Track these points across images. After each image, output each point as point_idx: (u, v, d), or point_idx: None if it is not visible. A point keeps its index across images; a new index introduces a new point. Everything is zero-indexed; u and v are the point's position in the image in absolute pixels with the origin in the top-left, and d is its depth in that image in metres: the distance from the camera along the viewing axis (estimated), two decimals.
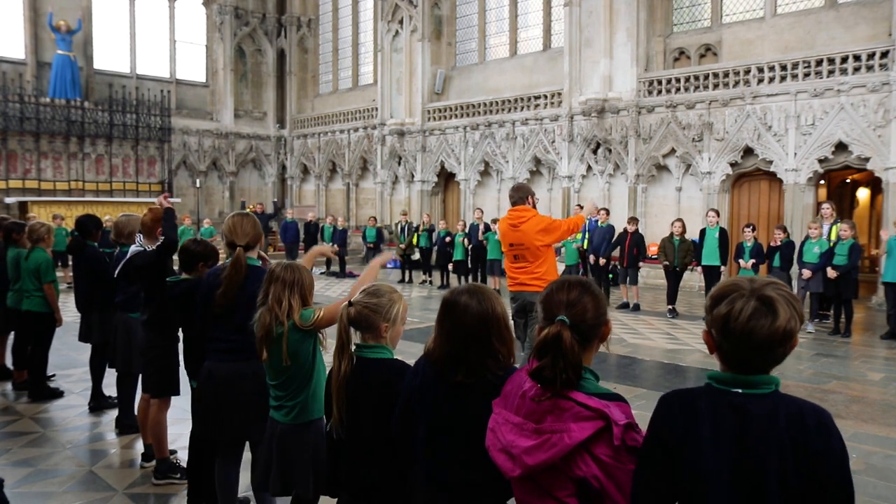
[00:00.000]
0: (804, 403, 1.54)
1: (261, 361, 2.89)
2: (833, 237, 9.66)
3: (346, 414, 2.27)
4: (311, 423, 2.91)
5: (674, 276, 11.01)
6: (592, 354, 1.77)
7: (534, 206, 5.65)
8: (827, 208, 10.32)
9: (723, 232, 10.76)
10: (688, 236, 11.09)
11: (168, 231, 4.16)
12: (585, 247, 12.59)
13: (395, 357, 2.36)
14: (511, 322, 2.10)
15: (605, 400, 1.62)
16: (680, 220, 11.22)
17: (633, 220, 12.12)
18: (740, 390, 1.52)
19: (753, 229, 10.43)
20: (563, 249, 12.57)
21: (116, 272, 4.74)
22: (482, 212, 15.11)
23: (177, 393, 4.32)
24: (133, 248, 4.56)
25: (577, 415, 1.60)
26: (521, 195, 5.63)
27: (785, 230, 10.26)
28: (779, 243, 10.03)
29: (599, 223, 12.38)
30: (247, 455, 3.51)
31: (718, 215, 11.17)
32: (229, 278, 3.23)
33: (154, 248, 4.28)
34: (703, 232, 10.91)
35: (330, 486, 2.46)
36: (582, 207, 14.54)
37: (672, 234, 11.00)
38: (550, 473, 1.63)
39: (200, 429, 3.46)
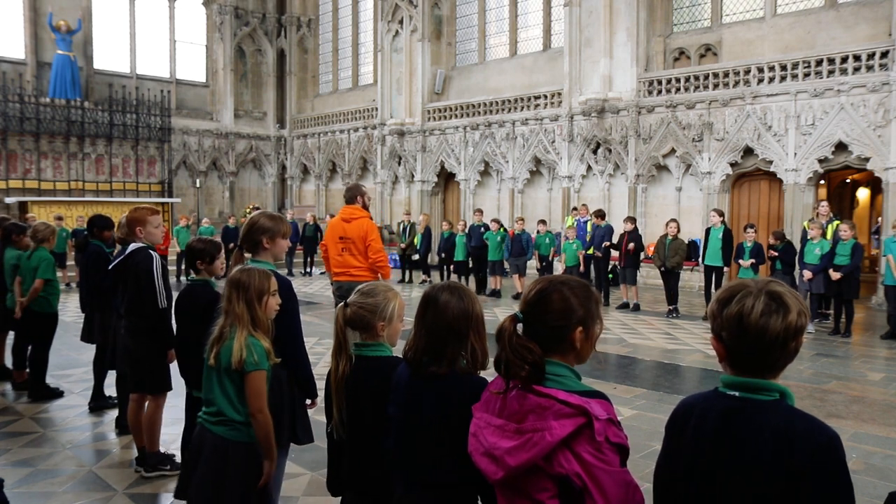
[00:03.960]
0: (805, 418, 1.43)
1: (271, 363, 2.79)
2: (829, 235, 9.69)
3: (346, 413, 2.32)
4: (246, 444, 2.71)
5: (667, 276, 11.00)
6: (573, 356, 1.71)
7: (365, 206, 6.14)
8: (824, 206, 10.39)
9: (727, 232, 10.70)
10: (684, 237, 11.06)
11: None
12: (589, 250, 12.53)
13: (394, 355, 2.38)
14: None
15: (586, 397, 1.62)
16: (674, 220, 11.20)
17: (630, 219, 12.08)
18: (737, 393, 1.49)
19: (755, 230, 10.44)
20: (563, 252, 12.56)
21: (111, 265, 4.68)
22: (482, 212, 15.12)
23: (171, 388, 4.43)
24: (131, 247, 4.46)
25: (557, 412, 1.60)
26: (352, 195, 6.14)
27: (781, 237, 10.23)
28: (776, 252, 10.03)
29: (595, 225, 12.35)
30: None
31: (721, 215, 11.13)
32: None
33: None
34: (707, 231, 10.90)
35: (332, 485, 2.51)
36: (576, 210, 14.53)
37: (666, 234, 11.00)
38: (533, 476, 1.63)
39: None
